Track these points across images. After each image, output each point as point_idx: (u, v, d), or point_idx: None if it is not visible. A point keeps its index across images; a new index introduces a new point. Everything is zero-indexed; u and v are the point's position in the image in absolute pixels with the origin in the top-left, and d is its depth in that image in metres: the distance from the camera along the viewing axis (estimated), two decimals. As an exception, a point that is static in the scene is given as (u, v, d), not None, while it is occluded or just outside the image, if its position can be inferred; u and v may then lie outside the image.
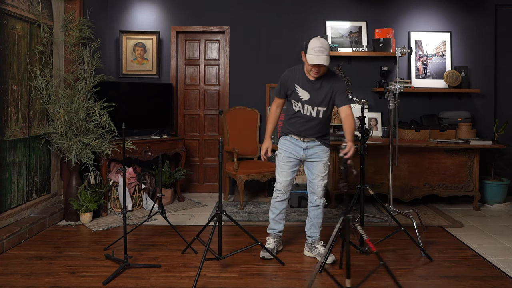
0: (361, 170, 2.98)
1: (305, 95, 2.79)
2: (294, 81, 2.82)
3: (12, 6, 3.28)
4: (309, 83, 2.78)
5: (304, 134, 2.86)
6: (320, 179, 2.90)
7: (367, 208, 4.31)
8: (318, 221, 2.96)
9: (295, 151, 2.90)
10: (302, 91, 2.80)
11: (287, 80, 2.86)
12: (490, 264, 2.87)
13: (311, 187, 2.95)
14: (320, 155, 2.89)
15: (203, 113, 5.03)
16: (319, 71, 2.70)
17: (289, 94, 2.87)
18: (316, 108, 2.80)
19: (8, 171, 3.28)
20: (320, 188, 2.91)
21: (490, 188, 4.44)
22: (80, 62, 3.90)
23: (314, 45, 2.62)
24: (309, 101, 2.79)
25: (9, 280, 2.55)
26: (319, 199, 2.93)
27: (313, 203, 2.95)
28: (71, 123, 3.60)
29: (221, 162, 2.74)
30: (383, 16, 4.87)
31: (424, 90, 4.68)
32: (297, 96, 2.82)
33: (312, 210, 2.96)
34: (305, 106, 2.81)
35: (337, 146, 4.25)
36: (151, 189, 4.43)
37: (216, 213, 2.74)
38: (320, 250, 2.92)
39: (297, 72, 2.83)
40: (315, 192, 2.93)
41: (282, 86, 2.89)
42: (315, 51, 2.61)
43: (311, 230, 2.99)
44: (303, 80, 2.80)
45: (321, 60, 2.60)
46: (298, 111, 2.85)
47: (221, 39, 4.98)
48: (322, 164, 2.89)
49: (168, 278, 2.60)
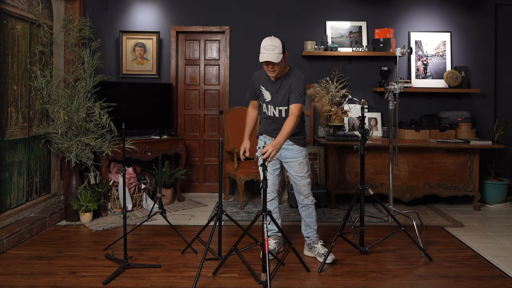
0: (361, 170, 2.98)
1: (268, 96, 2.87)
2: (260, 82, 2.90)
3: (12, 6, 3.28)
4: (271, 84, 2.84)
5: (273, 134, 2.88)
6: (300, 179, 2.90)
7: (367, 208, 4.31)
8: (311, 220, 2.95)
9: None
10: (266, 92, 2.87)
11: (254, 82, 2.94)
12: (490, 264, 2.87)
13: (295, 188, 2.97)
14: (294, 154, 2.89)
15: (203, 113, 5.03)
16: (274, 69, 2.71)
17: (258, 96, 2.95)
18: (277, 108, 2.85)
19: (8, 171, 3.28)
20: (304, 187, 2.91)
21: (490, 188, 4.44)
22: (80, 62, 3.90)
23: (265, 43, 2.68)
24: (271, 101, 2.86)
25: (9, 280, 2.55)
26: (306, 198, 2.93)
27: (301, 203, 2.96)
28: (71, 123, 3.60)
29: (221, 162, 2.74)
30: (383, 16, 4.87)
31: (424, 90, 4.68)
32: (262, 97, 2.90)
33: (303, 211, 2.96)
34: (269, 107, 2.89)
35: (340, 146, 4.26)
36: (151, 189, 4.43)
37: (216, 213, 2.74)
38: (319, 249, 2.91)
39: (263, 74, 2.89)
40: (300, 192, 2.94)
41: (251, 87, 2.97)
42: (266, 49, 2.66)
43: (307, 230, 2.99)
44: (266, 82, 2.87)
45: (269, 57, 2.63)
46: (264, 112, 2.94)
47: (221, 39, 4.98)
48: (298, 164, 2.88)
49: (168, 278, 2.60)
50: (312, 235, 2.97)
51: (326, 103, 4.52)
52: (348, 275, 2.66)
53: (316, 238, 2.98)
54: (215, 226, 2.70)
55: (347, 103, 4.69)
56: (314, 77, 4.78)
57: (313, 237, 2.97)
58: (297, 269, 2.74)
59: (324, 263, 2.74)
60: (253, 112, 3.07)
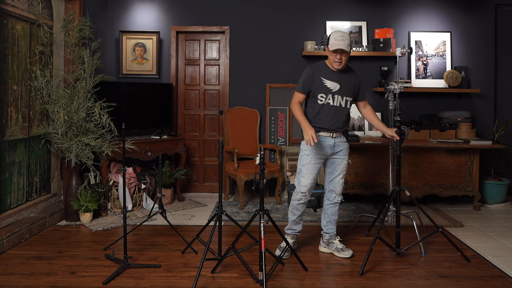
0: (398, 171, 2.99)
1: (335, 86, 2.87)
2: (320, 74, 2.88)
3: (12, 6, 3.28)
4: (336, 74, 2.88)
5: (333, 127, 2.88)
6: (341, 177, 2.96)
7: (367, 208, 4.32)
8: (335, 218, 3.02)
9: (323, 150, 2.90)
10: (331, 82, 2.87)
11: (311, 75, 2.89)
12: (490, 264, 2.87)
13: (331, 185, 2.98)
14: (345, 152, 2.95)
15: (203, 113, 5.03)
16: (341, 60, 2.80)
17: (314, 89, 2.88)
18: (345, 98, 2.89)
19: (8, 171, 3.28)
20: (341, 186, 2.97)
21: (490, 188, 4.44)
22: (80, 62, 3.90)
23: (336, 35, 2.80)
24: (339, 91, 2.87)
25: (9, 280, 2.55)
26: (338, 196, 2.98)
27: (332, 201, 3.00)
28: (71, 123, 3.60)
29: (221, 162, 2.74)
30: (383, 16, 4.87)
31: (424, 90, 4.68)
32: (325, 88, 2.87)
33: (330, 208, 3.01)
34: (336, 97, 2.88)
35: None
36: (151, 189, 4.43)
37: (216, 213, 2.74)
38: (338, 245, 2.99)
39: (321, 67, 2.92)
40: (335, 190, 2.97)
41: (306, 82, 2.90)
42: (336, 40, 2.76)
43: (327, 226, 3.04)
44: (329, 73, 2.89)
45: (341, 46, 2.74)
46: (327, 103, 2.87)
47: (221, 39, 4.98)
48: (345, 162, 2.96)
49: (168, 278, 2.60)
50: (332, 231, 3.03)
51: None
52: (348, 275, 2.66)
53: (334, 234, 3.05)
54: (215, 226, 2.70)
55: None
56: (314, 77, 4.78)
57: (332, 233, 3.04)
58: (297, 269, 2.74)
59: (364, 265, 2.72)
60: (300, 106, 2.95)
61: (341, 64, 2.82)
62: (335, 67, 2.84)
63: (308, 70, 2.92)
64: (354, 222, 3.70)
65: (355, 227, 3.65)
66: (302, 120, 2.81)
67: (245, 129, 4.80)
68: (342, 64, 2.82)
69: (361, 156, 4.27)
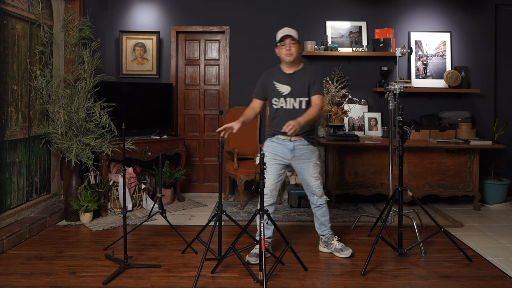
0: (400, 171, 2.98)
1: (286, 89, 2.86)
2: (273, 79, 2.91)
3: (12, 6, 3.28)
4: (288, 76, 2.87)
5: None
6: (314, 180, 2.91)
7: (366, 208, 4.31)
8: (325, 219, 3.00)
9: (282, 152, 2.87)
10: (282, 85, 2.87)
11: (264, 79, 2.95)
12: (490, 264, 2.87)
13: (308, 189, 2.96)
14: (308, 155, 2.89)
15: (203, 113, 5.03)
16: (290, 50, 2.78)
17: (268, 94, 2.92)
18: (298, 99, 2.85)
19: (8, 171, 3.28)
20: (318, 188, 2.93)
21: (490, 188, 4.44)
22: (80, 62, 3.90)
23: (280, 30, 2.85)
24: (290, 93, 2.85)
25: (9, 280, 2.55)
26: (320, 198, 2.95)
27: (315, 204, 2.97)
28: (71, 123, 3.60)
29: (221, 162, 2.74)
30: (383, 16, 4.87)
31: (424, 90, 4.68)
32: (278, 92, 2.88)
33: (317, 211, 2.99)
34: (288, 100, 2.86)
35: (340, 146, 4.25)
36: (151, 189, 4.43)
37: (216, 213, 2.74)
38: (336, 245, 2.98)
39: (273, 71, 2.94)
40: (314, 193, 2.94)
41: (261, 86, 2.96)
42: (282, 32, 2.82)
43: (321, 229, 3.03)
44: (280, 76, 2.89)
45: (287, 31, 2.77)
46: (280, 107, 2.88)
47: (221, 39, 4.98)
48: (312, 165, 2.90)
49: (168, 278, 2.60)
50: (327, 232, 3.02)
51: (326, 103, 4.52)
52: (348, 275, 2.66)
53: (331, 235, 3.03)
54: (215, 226, 2.70)
55: (347, 103, 4.69)
56: (314, 77, 4.78)
57: (328, 234, 3.02)
58: (298, 269, 2.74)
59: (366, 265, 2.71)
60: (252, 110, 2.96)
61: (292, 56, 2.78)
62: (287, 60, 2.81)
63: (262, 76, 2.98)
64: (354, 222, 3.70)
65: (355, 227, 3.65)
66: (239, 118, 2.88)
67: (245, 129, 4.80)
68: (293, 56, 2.79)
69: (361, 156, 4.27)
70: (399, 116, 3.00)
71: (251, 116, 2.94)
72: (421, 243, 3.04)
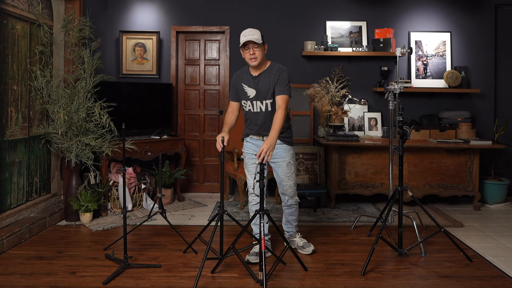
0: (400, 171, 2.98)
1: (252, 92, 2.86)
2: (241, 80, 2.91)
3: (12, 6, 3.28)
4: (254, 79, 2.84)
5: (261, 132, 2.87)
6: (287, 180, 2.90)
7: (366, 208, 4.32)
8: (292, 218, 3.04)
9: (256, 152, 2.86)
10: (249, 88, 2.87)
11: (235, 81, 2.95)
12: (490, 264, 2.87)
13: (280, 188, 2.97)
14: (282, 154, 2.87)
15: (203, 113, 5.03)
16: (255, 54, 2.73)
17: (239, 96, 2.94)
18: (264, 102, 2.84)
19: (8, 171, 3.28)
20: (290, 188, 2.92)
21: (490, 188, 4.44)
22: (80, 62, 3.90)
23: (243, 32, 2.75)
24: (255, 97, 2.85)
25: (9, 280, 2.55)
26: (291, 199, 2.96)
27: (286, 204, 2.99)
28: (71, 123, 3.60)
29: (222, 161, 2.75)
30: (383, 16, 4.87)
31: (424, 90, 4.68)
32: (245, 95, 2.88)
33: (286, 209, 3.02)
34: (254, 103, 2.86)
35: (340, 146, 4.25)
36: (151, 189, 4.43)
37: (218, 212, 2.74)
38: (298, 242, 3.05)
39: (243, 73, 2.92)
40: (285, 193, 2.94)
41: (233, 88, 2.97)
42: (244, 35, 2.72)
43: (287, 225, 3.09)
44: (248, 78, 2.87)
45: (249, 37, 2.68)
46: (249, 110, 2.90)
47: (221, 39, 4.98)
48: (285, 164, 2.88)
49: (168, 278, 2.60)
50: (291, 230, 3.09)
51: (326, 103, 4.52)
52: (348, 275, 2.66)
53: (295, 232, 3.09)
54: (216, 226, 2.70)
55: (347, 103, 4.69)
56: (314, 77, 4.78)
57: (292, 231, 3.09)
58: (298, 269, 2.74)
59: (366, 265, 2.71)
60: (232, 115, 2.97)
61: (257, 60, 2.74)
62: (252, 64, 2.78)
63: (233, 78, 2.97)
64: (354, 222, 3.70)
65: (355, 227, 3.65)
66: (223, 128, 2.90)
67: (245, 129, 4.80)
68: (257, 60, 2.74)
69: (361, 156, 4.27)
70: (399, 116, 3.00)
71: (233, 122, 2.96)
72: (421, 243, 3.04)
